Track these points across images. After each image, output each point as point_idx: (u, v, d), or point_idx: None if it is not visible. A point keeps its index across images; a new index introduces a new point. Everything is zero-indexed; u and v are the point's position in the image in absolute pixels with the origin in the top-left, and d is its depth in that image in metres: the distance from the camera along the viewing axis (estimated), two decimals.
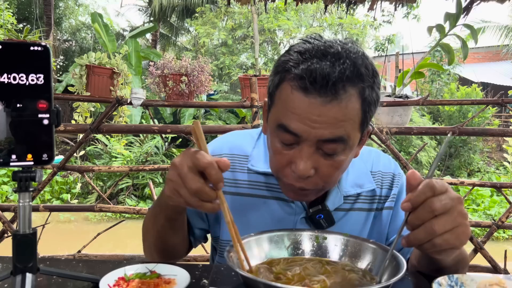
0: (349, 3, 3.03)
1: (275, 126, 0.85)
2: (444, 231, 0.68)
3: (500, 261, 2.45)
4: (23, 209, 0.69)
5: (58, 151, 9.46)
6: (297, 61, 0.81)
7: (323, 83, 0.77)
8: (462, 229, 0.70)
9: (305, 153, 0.82)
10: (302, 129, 0.80)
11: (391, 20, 14.25)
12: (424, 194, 0.69)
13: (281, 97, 0.84)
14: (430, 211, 0.68)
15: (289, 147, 0.84)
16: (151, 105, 2.65)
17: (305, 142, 0.82)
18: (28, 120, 0.68)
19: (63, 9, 17.69)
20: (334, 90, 0.77)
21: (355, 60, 0.80)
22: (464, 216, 0.71)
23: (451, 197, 0.69)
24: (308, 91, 0.78)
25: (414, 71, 3.13)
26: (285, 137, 0.83)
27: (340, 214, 0.99)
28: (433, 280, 0.73)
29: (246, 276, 0.67)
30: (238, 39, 13.17)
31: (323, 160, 0.84)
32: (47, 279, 0.80)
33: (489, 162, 12.36)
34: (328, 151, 0.82)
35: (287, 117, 0.82)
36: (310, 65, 0.78)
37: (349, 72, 0.78)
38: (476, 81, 15.12)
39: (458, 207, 0.70)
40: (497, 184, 2.71)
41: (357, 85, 0.80)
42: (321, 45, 0.81)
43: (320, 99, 0.78)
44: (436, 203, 0.68)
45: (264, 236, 0.87)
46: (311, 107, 0.79)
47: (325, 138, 0.80)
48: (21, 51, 0.67)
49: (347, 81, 0.78)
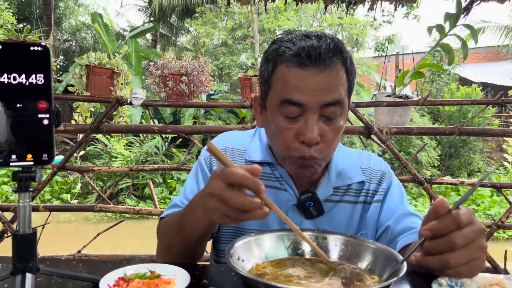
0: (349, 3, 3.03)
1: (278, 104, 0.94)
2: (459, 265, 0.69)
3: (500, 261, 2.46)
4: (23, 209, 0.69)
5: (58, 151, 9.46)
6: (287, 46, 0.93)
7: (316, 55, 0.90)
8: (477, 262, 0.70)
9: (311, 120, 0.91)
10: (305, 98, 0.91)
11: (391, 20, 14.25)
12: (448, 228, 0.69)
13: (279, 78, 0.94)
14: (451, 246, 0.68)
15: (294, 120, 0.93)
16: (151, 105, 2.65)
17: (309, 111, 0.91)
18: (28, 120, 0.68)
19: (63, 9, 17.69)
20: (325, 61, 0.90)
21: (333, 38, 0.94)
22: (483, 250, 0.71)
23: (474, 230, 0.69)
24: (305, 65, 0.90)
25: (414, 71, 3.13)
26: (290, 110, 0.92)
27: (329, 205, 1.05)
28: (433, 280, 0.73)
29: (246, 276, 0.67)
30: (238, 39, 13.16)
31: (326, 127, 0.93)
32: (47, 279, 0.80)
33: (489, 162, 12.36)
34: (329, 115, 0.93)
35: (289, 92, 0.92)
36: (301, 44, 0.91)
37: (333, 46, 0.92)
38: (476, 81, 15.12)
39: (478, 240, 0.70)
40: (497, 184, 2.71)
41: (340, 57, 0.93)
42: (303, 32, 0.96)
43: (315, 69, 0.90)
44: (458, 239, 0.68)
45: (264, 236, 0.87)
46: (309, 77, 0.90)
47: (327, 102, 0.91)
48: (21, 51, 0.67)
49: (333, 53, 0.91)
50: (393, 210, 1.05)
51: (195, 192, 1.05)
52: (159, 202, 8.20)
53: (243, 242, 0.83)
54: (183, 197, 1.08)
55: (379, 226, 1.06)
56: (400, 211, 1.04)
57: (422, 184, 2.47)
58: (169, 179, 9.11)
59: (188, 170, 2.70)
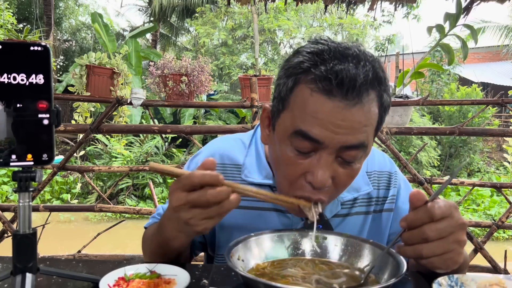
0: (349, 3, 3.03)
1: (291, 133, 0.78)
2: (432, 256, 0.70)
3: (500, 261, 2.46)
4: (23, 209, 0.69)
5: (58, 151, 9.46)
6: (314, 62, 0.76)
7: (350, 85, 0.73)
8: (451, 255, 0.71)
9: (325, 161, 0.77)
10: (324, 134, 0.75)
11: (391, 20, 14.26)
12: (420, 220, 0.70)
13: (297, 101, 0.78)
14: (423, 237, 0.69)
15: (305, 156, 0.79)
16: (151, 105, 2.65)
17: (326, 150, 0.77)
18: (28, 120, 0.68)
19: (63, 9, 17.69)
20: (359, 93, 0.74)
21: (373, 63, 0.77)
22: (460, 244, 0.71)
23: (451, 224, 0.70)
24: (332, 93, 0.74)
25: (414, 71, 3.13)
26: (303, 144, 0.78)
27: (337, 220, 0.97)
28: (433, 280, 0.73)
29: (246, 276, 0.67)
30: (238, 39, 13.16)
31: (340, 169, 0.80)
32: (47, 279, 0.80)
33: (489, 162, 12.36)
34: (348, 159, 0.79)
35: (306, 122, 0.76)
36: (333, 66, 0.74)
37: (372, 75, 0.75)
38: (476, 81, 15.12)
39: (456, 233, 0.70)
40: (497, 184, 2.71)
41: (376, 88, 0.77)
42: (337, 46, 0.77)
43: (346, 102, 0.74)
44: (430, 231, 0.69)
45: (264, 236, 0.87)
46: (335, 111, 0.74)
47: (349, 144, 0.76)
48: (21, 51, 0.67)
49: (370, 84, 0.75)
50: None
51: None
52: (159, 202, 8.19)
53: (243, 242, 0.83)
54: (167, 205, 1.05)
55: (391, 233, 1.02)
56: None
57: (422, 184, 2.47)
58: (169, 179, 9.12)
59: None
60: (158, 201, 7.67)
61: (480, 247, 2.41)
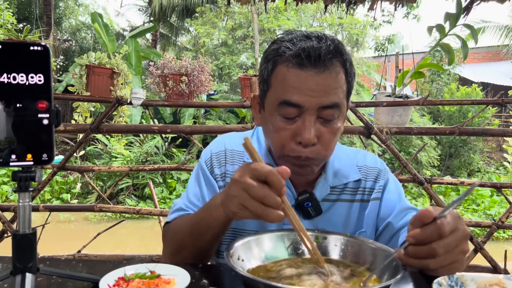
0: (349, 3, 3.03)
1: (277, 105, 0.94)
2: (438, 268, 0.73)
3: (500, 261, 2.46)
4: (23, 209, 0.69)
5: (58, 151, 9.46)
6: (287, 46, 0.93)
7: (315, 56, 0.90)
8: (456, 265, 0.74)
9: (308, 122, 0.91)
10: (303, 99, 0.90)
11: (391, 20, 14.25)
12: (430, 238, 0.71)
13: (278, 78, 0.94)
14: (432, 254, 0.71)
15: (291, 121, 0.93)
16: (151, 105, 2.65)
17: (307, 112, 0.91)
18: (28, 120, 0.68)
19: (63, 9, 17.68)
20: (325, 62, 0.90)
21: (332, 39, 0.94)
22: (464, 253, 0.75)
23: (457, 237, 0.72)
24: (304, 65, 0.90)
25: (414, 71, 3.13)
26: (288, 111, 0.92)
27: (327, 204, 1.05)
28: (433, 280, 0.73)
29: (246, 276, 0.67)
30: (238, 39, 13.16)
31: (323, 128, 0.93)
32: (47, 279, 0.80)
33: (489, 162, 12.36)
34: (327, 117, 0.93)
35: (288, 92, 0.92)
36: (301, 45, 0.91)
37: (333, 48, 0.91)
38: (476, 81, 15.12)
39: (460, 245, 0.73)
40: (497, 184, 2.71)
41: (339, 58, 0.93)
42: (303, 32, 0.95)
43: (315, 70, 0.90)
44: (440, 248, 0.71)
45: (264, 236, 0.87)
46: (309, 79, 0.90)
47: (325, 104, 0.91)
48: (21, 51, 0.67)
49: (332, 55, 0.91)
50: (392, 207, 1.06)
51: (198, 195, 1.07)
52: (159, 202, 8.20)
53: (243, 242, 0.83)
54: (186, 201, 1.08)
55: (379, 223, 1.07)
56: (399, 207, 1.06)
57: (422, 184, 2.47)
58: (169, 179, 9.11)
59: (188, 170, 2.70)
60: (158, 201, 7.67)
61: (480, 247, 2.41)
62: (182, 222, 1.01)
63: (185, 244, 0.96)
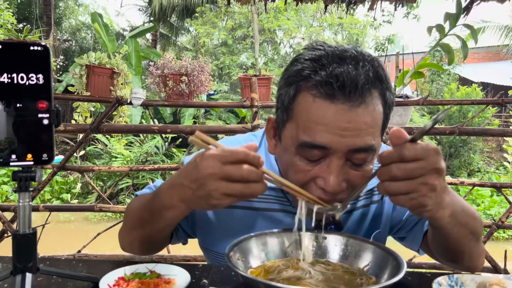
0: (349, 3, 3.03)
1: (297, 145, 0.78)
2: (398, 193, 0.67)
3: (500, 261, 2.45)
4: (23, 209, 0.69)
5: (58, 151, 9.46)
6: (313, 68, 0.76)
7: (352, 86, 0.73)
8: (417, 196, 0.66)
9: (335, 166, 0.77)
10: (331, 139, 0.75)
11: (391, 20, 14.26)
12: (390, 158, 0.66)
13: (301, 109, 0.77)
14: (389, 175, 0.66)
15: (315, 163, 0.79)
16: (151, 105, 2.65)
17: (335, 154, 0.76)
18: (28, 120, 0.68)
19: (63, 9, 17.68)
20: (362, 94, 0.74)
21: (373, 63, 0.77)
22: (430, 188, 0.66)
23: (422, 166, 0.65)
24: (335, 97, 0.73)
25: (414, 71, 3.13)
26: (311, 153, 0.77)
27: (344, 216, 0.97)
28: (433, 280, 0.73)
29: (246, 276, 0.67)
30: (238, 39, 13.17)
31: (352, 171, 0.79)
32: (47, 279, 0.80)
33: (489, 162, 12.36)
34: (357, 162, 0.78)
35: (311, 131, 0.76)
36: (333, 70, 0.74)
37: (372, 75, 0.75)
38: (476, 81, 15.12)
39: (427, 177, 0.66)
40: (497, 184, 2.71)
41: (379, 87, 0.77)
42: (334, 50, 0.77)
43: (349, 104, 0.73)
44: (396, 170, 0.65)
45: (264, 236, 0.87)
46: (340, 114, 0.74)
47: (357, 147, 0.76)
48: (21, 51, 0.67)
49: (371, 83, 0.75)
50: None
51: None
52: None
53: (243, 242, 0.82)
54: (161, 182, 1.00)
55: (394, 220, 1.01)
56: None
57: None
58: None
59: None
60: None
61: None
62: (141, 198, 0.93)
63: (140, 221, 0.88)
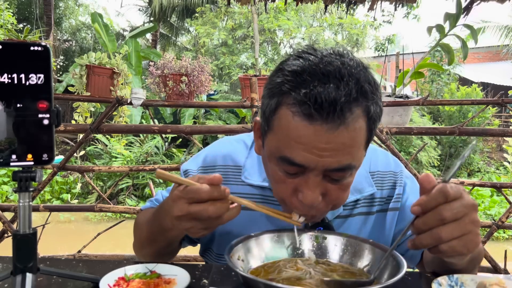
0: (349, 3, 3.03)
1: (277, 157, 0.79)
2: (451, 238, 0.66)
3: (500, 261, 2.45)
4: (23, 209, 0.69)
5: (58, 151, 9.46)
6: (294, 83, 0.74)
7: (330, 109, 0.71)
8: (471, 237, 0.67)
9: (312, 182, 0.77)
10: (308, 159, 0.75)
11: (391, 20, 14.26)
12: (435, 200, 0.66)
13: (281, 125, 0.77)
14: (439, 219, 0.66)
15: (293, 176, 0.80)
16: (151, 105, 2.65)
17: (312, 172, 0.77)
18: (28, 120, 0.68)
19: (63, 9, 17.69)
20: (341, 115, 0.71)
21: (358, 76, 0.74)
22: (475, 224, 0.68)
23: (464, 204, 0.67)
24: (313, 117, 0.72)
25: (414, 71, 3.13)
26: (290, 168, 0.78)
27: (339, 221, 0.97)
28: (433, 280, 0.73)
29: (246, 276, 0.67)
30: (238, 39, 13.17)
31: (330, 185, 0.80)
32: (47, 279, 0.80)
33: (489, 162, 12.36)
34: (336, 177, 0.79)
35: (290, 148, 0.76)
36: (312, 89, 0.71)
37: (355, 92, 0.72)
38: (476, 81, 15.12)
39: (470, 214, 0.67)
40: (497, 184, 2.71)
41: (362, 104, 0.74)
42: (318, 63, 0.74)
43: (327, 126, 0.72)
44: (446, 211, 0.65)
45: (264, 236, 0.87)
46: (317, 134, 0.72)
47: (334, 167, 0.76)
48: (21, 51, 0.67)
49: (353, 102, 0.72)
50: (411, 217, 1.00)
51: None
52: None
53: (243, 242, 0.83)
54: (167, 192, 1.05)
55: (396, 233, 1.01)
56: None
57: None
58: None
59: None
60: None
61: None
62: (147, 215, 0.98)
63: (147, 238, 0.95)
